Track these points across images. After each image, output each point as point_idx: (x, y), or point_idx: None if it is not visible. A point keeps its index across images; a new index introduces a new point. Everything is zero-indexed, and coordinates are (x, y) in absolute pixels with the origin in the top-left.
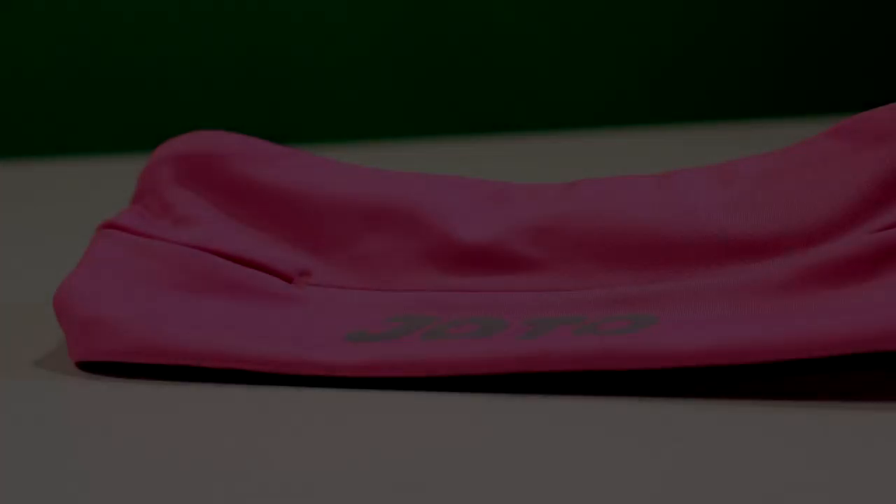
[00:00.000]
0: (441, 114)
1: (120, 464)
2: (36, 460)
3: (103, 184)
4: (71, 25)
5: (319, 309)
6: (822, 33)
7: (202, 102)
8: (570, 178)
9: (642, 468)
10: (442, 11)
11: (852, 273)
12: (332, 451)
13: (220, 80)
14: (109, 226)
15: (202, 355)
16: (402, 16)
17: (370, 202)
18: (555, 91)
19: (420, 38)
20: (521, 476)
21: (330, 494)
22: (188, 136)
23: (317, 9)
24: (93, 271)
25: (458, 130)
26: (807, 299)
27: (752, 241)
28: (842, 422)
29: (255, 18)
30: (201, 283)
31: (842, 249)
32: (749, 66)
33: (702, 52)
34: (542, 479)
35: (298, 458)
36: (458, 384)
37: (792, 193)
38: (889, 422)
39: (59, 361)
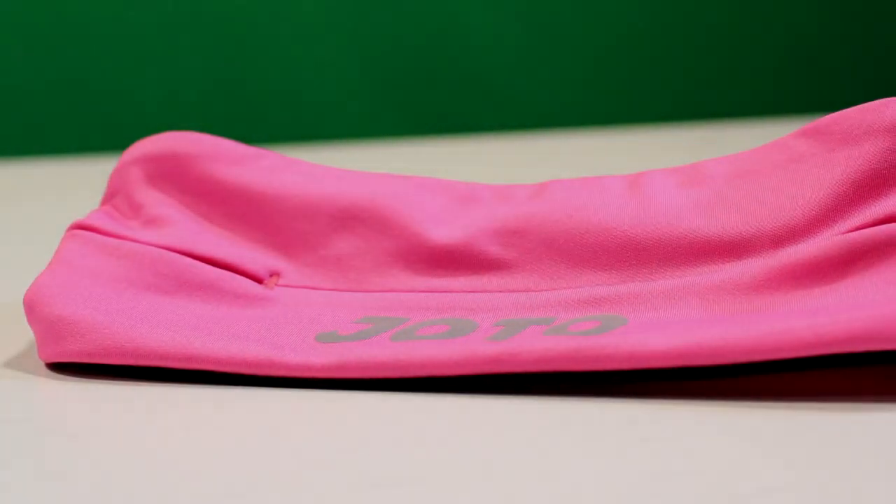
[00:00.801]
0: (410, 114)
1: (89, 465)
2: (4, 461)
3: (73, 184)
4: (38, 26)
5: (289, 310)
6: (791, 34)
7: (172, 103)
8: (539, 178)
9: (612, 469)
10: (409, 12)
11: (822, 274)
12: (302, 451)
13: (189, 81)
14: (79, 226)
15: (172, 356)
16: (369, 16)
17: (340, 203)
18: (524, 91)
19: (388, 38)
20: (489, 476)
21: (298, 493)
22: (158, 136)
23: (285, 10)
24: (63, 272)
25: (427, 131)
26: (777, 300)
27: (722, 242)
28: (812, 422)
29: (223, 20)
30: (171, 284)
31: (812, 250)
32: (718, 67)
33: (671, 53)
34: (511, 479)
35: (269, 459)
36: (427, 385)
37: (762, 194)
38: (859, 421)
39: (29, 362)
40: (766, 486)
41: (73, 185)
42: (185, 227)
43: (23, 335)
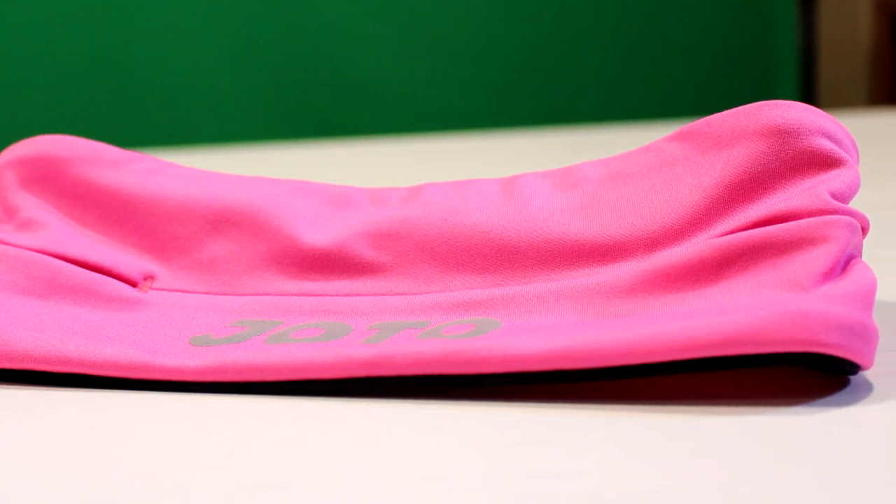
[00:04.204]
0: (285, 118)
1: None
2: None
3: None
4: None
5: (164, 313)
6: (664, 39)
7: (47, 106)
8: (415, 182)
9: (490, 471)
10: (287, 14)
11: (697, 278)
12: (180, 455)
13: (65, 84)
14: None
15: (46, 359)
16: (246, 20)
17: (215, 206)
18: (400, 95)
19: (265, 43)
20: (370, 479)
21: (182, 497)
22: (33, 140)
23: (163, 13)
24: None
25: (302, 134)
26: (651, 304)
27: (596, 245)
28: (688, 424)
29: (101, 22)
30: (45, 287)
31: (687, 254)
32: (594, 70)
33: (546, 57)
34: (393, 481)
35: (149, 463)
36: (301, 388)
37: (637, 197)
38: (735, 424)
39: None
40: (643, 490)
41: None
42: (59, 230)
43: None
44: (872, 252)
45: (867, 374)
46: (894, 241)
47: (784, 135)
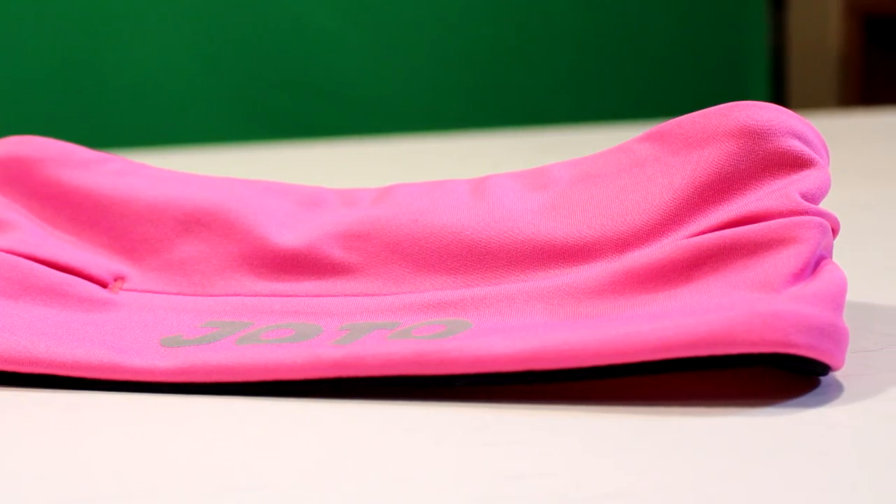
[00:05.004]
0: (257, 119)
1: None
2: None
3: None
4: None
5: (134, 314)
6: (635, 40)
7: (17, 107)
8: (385, 182)
9: (459, 472)
10: (258, 15)
11: (668, 279)
12: (150, 457)
13: (36, 85)
14: None
15: (16, 360)
16: (218, 20)
17: (185, 207)
18: (370, 96)
19: (234, 43)
20: (341, 480)
21: (151, 500)
22: (2, 141)
23: (134, 14)
24: None
25: (273, 135)
26: (622, 304)
27: (567, 246)
28: (657, 425)
29: (72, 23)
30: (15, 288)
31: (657, 255)
32: (563, 70)
33: (517, 58)
34: (363, 482)
35: (118, 464)
36: (272, 389)
37: (607, 198)
38: (706, 425)
39: None
40: (614, 490)
41: None
42: (29, 231)
43: None
44: (843, 253)
45: (837, 374)
46: (865, 241)
47: (754, 135)
